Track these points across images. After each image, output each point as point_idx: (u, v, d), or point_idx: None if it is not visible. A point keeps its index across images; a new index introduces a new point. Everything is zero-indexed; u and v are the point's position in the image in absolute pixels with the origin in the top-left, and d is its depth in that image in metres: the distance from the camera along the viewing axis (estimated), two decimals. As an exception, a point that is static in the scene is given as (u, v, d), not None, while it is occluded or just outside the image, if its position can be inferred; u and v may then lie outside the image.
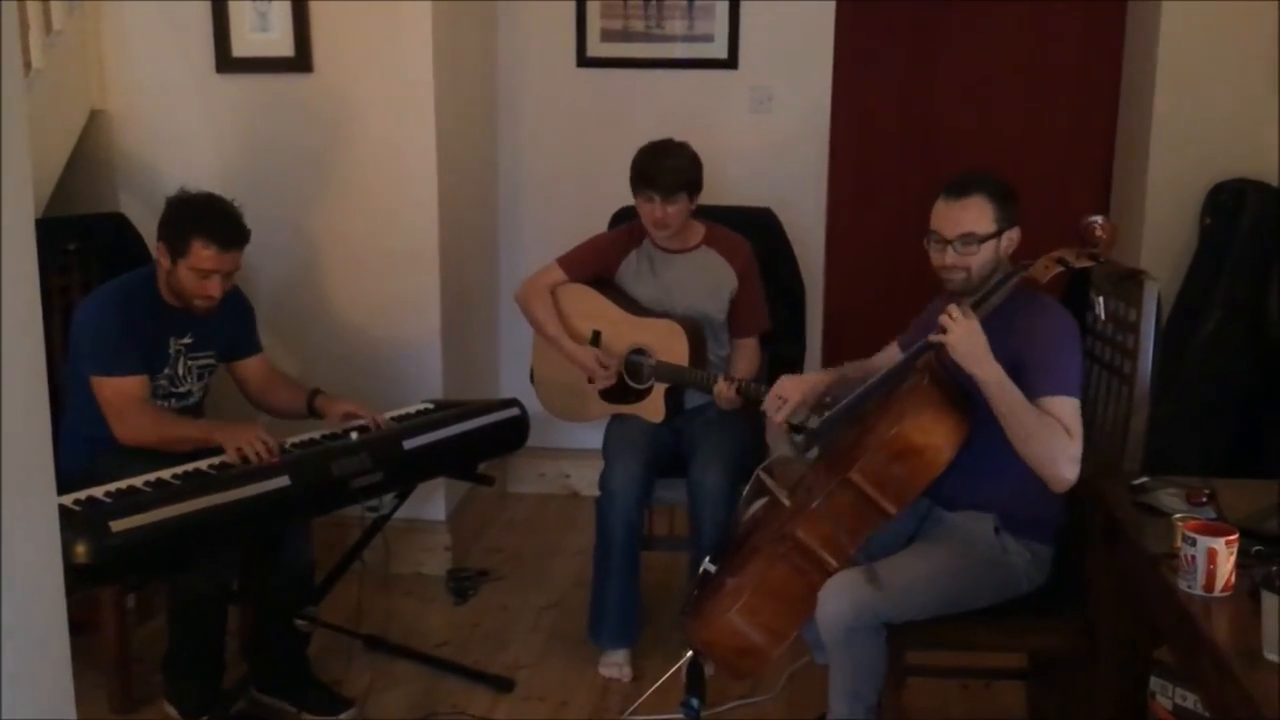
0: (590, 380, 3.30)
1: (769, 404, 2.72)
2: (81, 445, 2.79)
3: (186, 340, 3.00)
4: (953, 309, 2.33)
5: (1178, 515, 2.06)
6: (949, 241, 2.43)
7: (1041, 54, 4.32)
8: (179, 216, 2.90)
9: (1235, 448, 3.58)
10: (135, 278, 3.01)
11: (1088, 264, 2.40)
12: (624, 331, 3.29)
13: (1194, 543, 1.87)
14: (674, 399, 3.26)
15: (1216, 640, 1.76)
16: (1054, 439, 2.27)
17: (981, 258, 2.43)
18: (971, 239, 2.42)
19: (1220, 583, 1.87)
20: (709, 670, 2.82)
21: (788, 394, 2.68)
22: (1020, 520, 2.44)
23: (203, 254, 2.86)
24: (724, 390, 3.09)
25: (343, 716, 2.95)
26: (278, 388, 3.18)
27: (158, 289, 2.96)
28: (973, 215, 2.42)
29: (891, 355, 2.74)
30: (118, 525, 2.30)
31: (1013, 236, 2.46)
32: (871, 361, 2.77)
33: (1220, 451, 3.59)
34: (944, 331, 2.31)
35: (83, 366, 2.86)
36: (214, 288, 2.90)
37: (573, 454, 4.43)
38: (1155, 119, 3.95)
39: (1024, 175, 4.29)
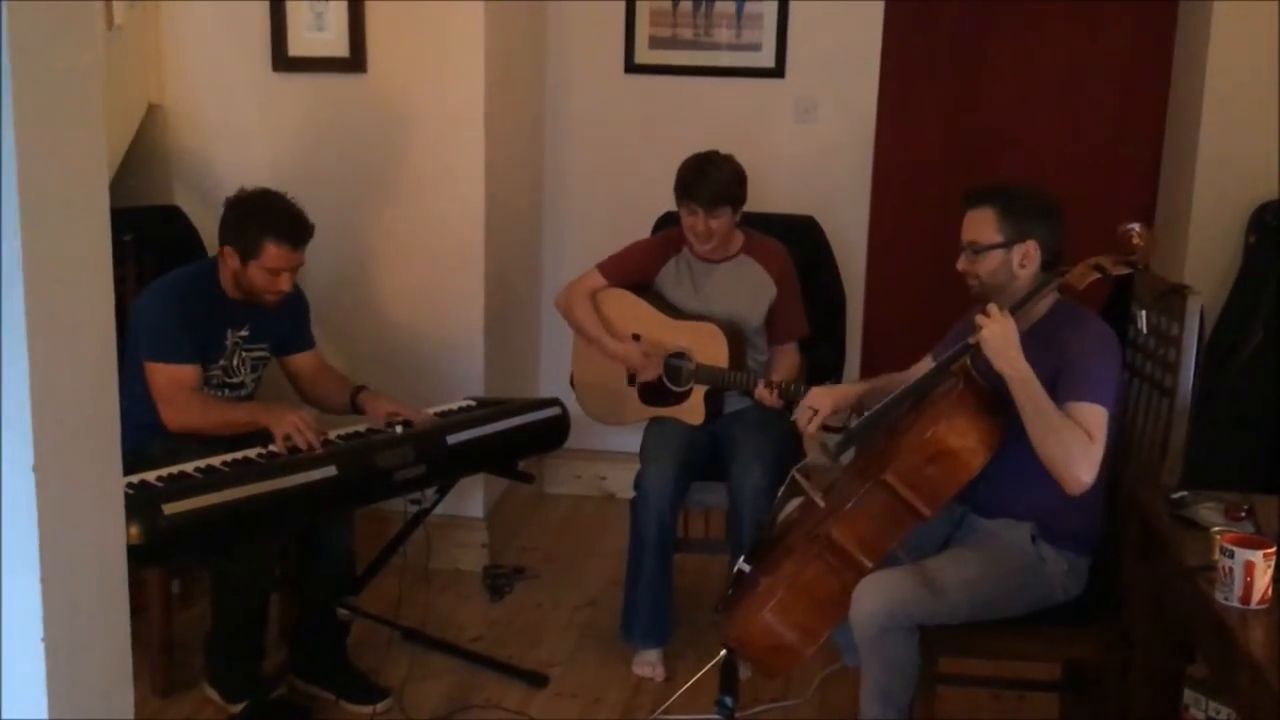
0: (631, 376, 3.34)
1: (801, 415, 2.76)
2: (133, 430, 2.84)
3: (244, 333, 3.06)
4: (991, 307, 2.38)
5: (1216, 528, 2.07)
6: (964, 248, 2.52)
7: (1089, 67, 4.32)
8: (246, 219, 2.95)
9: (1275, 465, 3.56)
10: (197, 270, 3.09)
11: (1125, 271, 2.43)
12: (663, 334, 3.32)
13: (1232, 555, 1.88)
14: (714, 401, 3.29)
15: (1252, 652, 1.77)
16: (1073, 440, 2.29)
17: (988, 267, 2.48)
18: (975, 247, 2.48)
19: (1257, 595, 1.87)
20: (744, 673, 2.84)
21: (819, 404, 2.73)
22: (1058, 530, 2.45)
23: (276, 254, 2.93)
24: (764, 394, 3.11)
25: (379, 706, 2.99)
26: (326, 382, 3.23)
27: (219, 282, 3.02)
28: (976, 225, 2.49)
29: (925, 368, 2.76)
30: (170, 508, 2.36)
31: (1026, 250, 2.45)
32: (906, 374, 2.80)
33: (1260, 469, 3.57)
34: (980, 329, 2.35)
35: (139, 352, 2.92)
36: (286, 282, 2.98)
37: (610, 456, 4.46)
38: (1202, 137, 3.94)
39: (1069, 188, 4.29)
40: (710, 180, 3.18)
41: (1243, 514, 2.19)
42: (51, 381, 1.30)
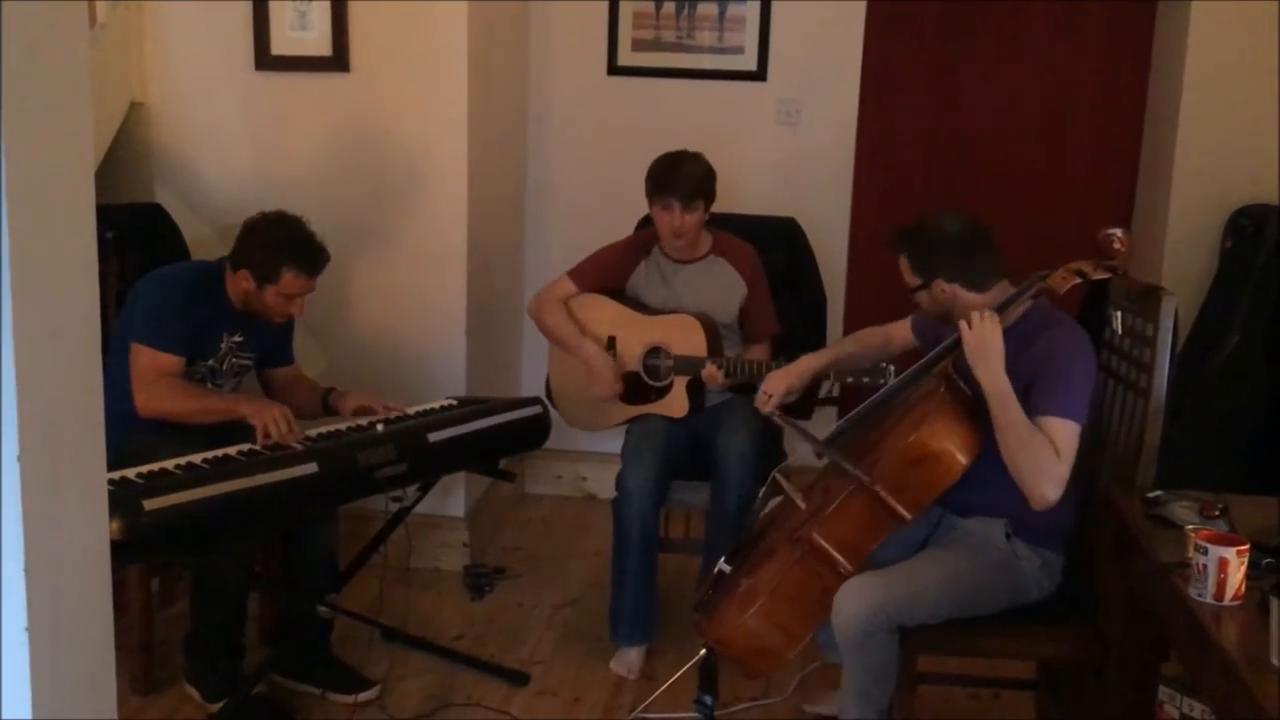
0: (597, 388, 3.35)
1: (758, 399, 2.82)
2: (115, 422, 2.85)
3: (237, 338, 3.07)
4: (975, 312, 2.40)
5: (1191, 526, 2.09)
6: None
7: (1068, 73, 4.36)
8: (266, 246, 2.94)
9: (1250, 468, 3.60)
10: (204, 268, 3.09)
11: (1105, 276, 2.46)
12: (639, 333, 3.33)
13: (1206, 551, 1.90)
14: (696, 392, 3.29)
15: (1225, 647, 1.79)
16: (1042, 457, 2.31)
17: (925, 304, 2.58)
18: (909, 288, 2.58)
19: (1230, 591, 1.90)
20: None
21: (773, 388, 2.80)
22: (1032, 527, 2.47)
23: (294, 283, 2.95)
24: (711, 373, 3.15)
25: (362, 696, 3.00)
26: (299, 389, 3.23)
27: (224, 286, 3.02)
28: (902, 270, 2.59)
29: (903, 331, 2.85)
30: (150, 504, 2.35)
31: (940, 287, 2.51)
32: (874, 333, 2.89)
33: (1235, 471, 3.60)
34: (969, 326, 2.39)
35: (131, 332, 2.91)
36: (298, 308, 3.02)
37: (590, 457, 4.47)
38: (1179, 142, 3.99)
39: (1047, 193, 4.38)
40: (685, 174, 3.21)
41: (1217, 512, 2.22)
42: (36, 373, 1.30)
